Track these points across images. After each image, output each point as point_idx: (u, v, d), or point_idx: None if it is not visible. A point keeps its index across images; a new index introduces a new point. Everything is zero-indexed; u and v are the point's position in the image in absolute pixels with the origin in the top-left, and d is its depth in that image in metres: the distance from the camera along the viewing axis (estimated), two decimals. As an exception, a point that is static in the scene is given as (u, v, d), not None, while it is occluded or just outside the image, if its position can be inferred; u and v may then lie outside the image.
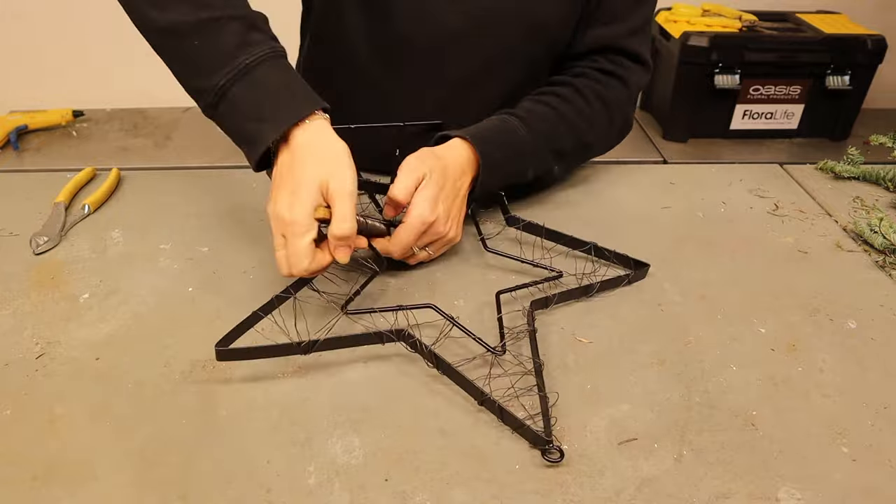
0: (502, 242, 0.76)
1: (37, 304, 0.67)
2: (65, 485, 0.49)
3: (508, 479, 0.50)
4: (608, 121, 0.85)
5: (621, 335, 0.64)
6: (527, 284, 0.68)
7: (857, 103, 1.82)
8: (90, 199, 0.82)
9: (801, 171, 0.95)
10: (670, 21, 1.84)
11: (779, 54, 1.73)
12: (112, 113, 1.89)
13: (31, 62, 1.88)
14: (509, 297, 0.68)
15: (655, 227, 0.81)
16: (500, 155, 0.75)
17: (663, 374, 0.60)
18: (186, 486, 0.49)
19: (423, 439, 0.53)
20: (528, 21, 0.81)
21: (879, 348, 0.64)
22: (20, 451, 0.52)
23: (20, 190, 0.86)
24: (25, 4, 1.80)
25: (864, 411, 0.57)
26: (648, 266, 0.72)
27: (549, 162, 0.81)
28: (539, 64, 0.86)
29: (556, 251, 0.74)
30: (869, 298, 0.70)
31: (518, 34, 0.81)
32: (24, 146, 1.72)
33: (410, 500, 0.49)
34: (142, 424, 0.54)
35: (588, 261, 0.74)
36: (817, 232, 0.81)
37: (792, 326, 0.66)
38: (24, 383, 0.58)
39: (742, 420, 0.56)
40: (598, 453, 0.53)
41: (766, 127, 1.84)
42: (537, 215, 0.82)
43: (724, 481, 0.51)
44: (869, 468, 0.52)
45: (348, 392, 0.57)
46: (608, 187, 0.89)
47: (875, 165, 0.93)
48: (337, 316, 0.64)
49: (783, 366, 0.61)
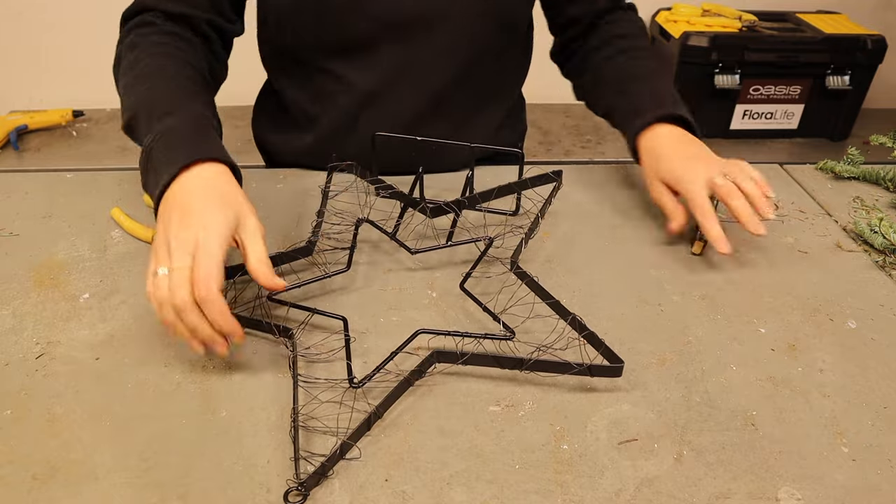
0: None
1: (37, 304, 0.67)
2: (65, 485, 0.49)
3: (508, 479, 0.50)
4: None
5: (621, 335, 0.64)
6: (458, 333, 0.61)
7: (857, 103, 1.82)
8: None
9: (801, 171, 0.95)
10: (670, 21, 1.84)
11: (779, 54, 1.73)
12: (112, 113, 1.89)
13: (31, 62, 1.88)
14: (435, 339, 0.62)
15: (655, 227, 0.81)
16: (684, 107, 0.81)
17: (663, 374, 0.60)
18: (186, 486, 0.49)
19: (423, 439, 0.53)
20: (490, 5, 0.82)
21: (879, 348, 0.64)
22: (20, 451, 0.52)
23: (20, 190, 0.86)
24: (25, 4, 1.80)
25: (864, 411, 0.57)
26: (621, 365, 0.58)
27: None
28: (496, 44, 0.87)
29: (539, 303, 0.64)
30: (869, 298, 0.70)
31: (475, 10, 0.83)
32: (24, 146, 1.72)
33: (410, 500, 0.49)
34: (142, 424, 0.54)
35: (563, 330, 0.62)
36: (817, 232, 0.81)
37: (792, 326, 0.66)
38: (24, 383, 0.58)
39: (742, 420, 0.56)
40: (598, 453, 0.53)
41: (766, 127, 1.85)
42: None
43: (724, 481, 0.51)
44: (869, 468, 0.52)
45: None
46: (608, 187, 0.89)
47: (875, 165, 0.93)
48: (259, 299, 0.64)
49: (783, 366, 0.61)
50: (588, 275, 0.72)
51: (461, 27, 0.83)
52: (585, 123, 1.94)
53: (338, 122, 0.88)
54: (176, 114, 0.66)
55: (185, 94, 0.70)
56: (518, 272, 0.66)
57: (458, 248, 0.75)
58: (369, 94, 0.86)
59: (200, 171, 0.60)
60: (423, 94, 0.86)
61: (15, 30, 1.82)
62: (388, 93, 0.86)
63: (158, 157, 0.62)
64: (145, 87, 0.70)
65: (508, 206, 0.81)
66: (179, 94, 0.70)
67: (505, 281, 0.69)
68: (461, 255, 0.74)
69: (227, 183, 0.61)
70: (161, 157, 0.62)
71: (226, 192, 0.60)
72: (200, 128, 0.66)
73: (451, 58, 0.85)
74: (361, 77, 0.85)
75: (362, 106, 0.86)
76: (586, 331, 0.60)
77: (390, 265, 0.73)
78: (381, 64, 0.84)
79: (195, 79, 0.74)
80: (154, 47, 0.75)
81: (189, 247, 0.54)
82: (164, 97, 0.69)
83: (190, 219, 0.56)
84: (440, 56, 0.84)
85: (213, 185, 0.60)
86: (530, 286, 0.64)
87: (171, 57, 0.74)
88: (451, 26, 0.82)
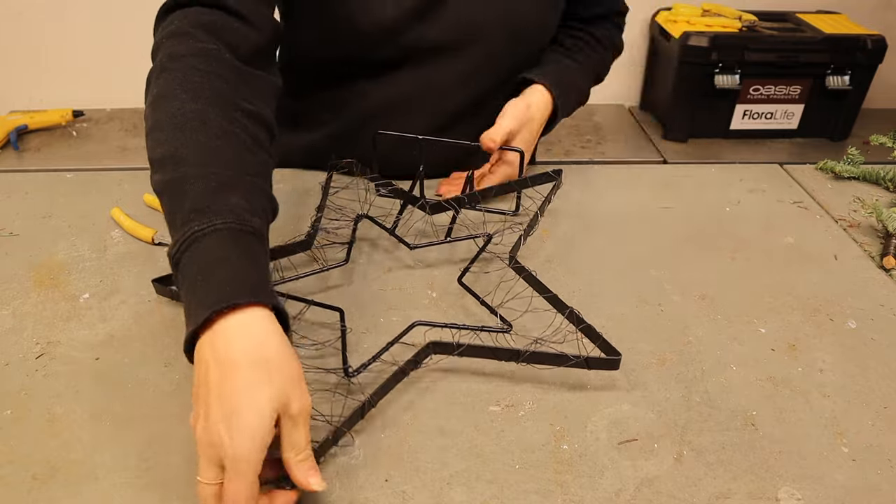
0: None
1: (37, 304, 0.67)
2: (65, 485, 0.49)
3: (508, 479, 0.50)
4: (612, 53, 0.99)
5: (621, 335, 0.64)
6: (455, 325, 0.61)
7: (857, 103, 1.82)
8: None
9: (801, 171, 0.95)
10: (670, 21, 1.84)
11: (779, 54, 1.73)
12: (112, 113, 1.89)
13: (31, 62, 1.88)
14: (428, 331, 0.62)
15: (655, 227, 0.81)
16: (571, 98, 0.87)
17: (663, 374, 0.60)
18: (186, 486, 0.49)
19: (423, 439, 0.53)
20: (510, 27, 0.83)
21: (879, 348, 0.64)
22: (20, 451, 0.52)
23: (20, 190, 0.86)
24: (25, 4, 1.80)
25: (864, 411, 0.57)
26: (619, 358, 0.58)
27: (588, 90, 0.94)
28: (519, 66, 0.87)
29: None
30: (869, 298, 0.70)
31: (500, 41, 0.83)
32: (24, 146, 1.72)
33: (410, 500, 0.49)
34: (142, 424, 0.54)
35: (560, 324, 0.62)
36: (817, 232, 0.81)
37: (792, 326, 0.66)
38: (24, 383, 0.58)
39: (742, 420, 0.56)
40: (598, 453, 0.53)
41: (766, 127, 1.85)
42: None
43: (724, 481, 0.51)
44: (869, 468, 0.52)
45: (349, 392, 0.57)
46: (608, 187, 0.89)
47: (875, 165, 0.93)
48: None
49: (783, 366, 0.61)
50: (588, 275, 0.72)
51: (486, 55, 0.84)
52: (585, 123, 1.94)
53: (349, 127, 0.88)
54: (210, 213, 0.50)
55: (225, 168, 0.53)
56: (516, 266, 0.66)
57: (458, 247, 0.75)
58: (385, 107, 0.86)
59: (242, 321, 0.46)
60: (439, 114, 0.87)
61: (15, 30, 1.82)
62: (405, 109, 0.86)
63: (188, 279, 0.49)
64: (174, 146, 0.54)
65: (508, 206, 0.81)
66: (219, 168, 0.53)
67: (503, 276, 0.69)
68: (461, 253, 0.74)
69: (277, 345, 0.46)
70: (190, 283, 0.48)
71: (273, 360, 0.46)
72: (241, 242, 0.50)
73: (472, 83, 0.86)
74: (379, 92, 0.85)
75: (375, 117, 0.86)
76: (583, 324, 0.60)
77: (390, 263, 0.73)
78: (402, 83, 0.84)
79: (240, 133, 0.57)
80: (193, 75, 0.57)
81: (217, 450, 0.43)
82: (197, 176, 0.52)
83: (228, 400, 0.44)
84: (461, 81, 0.85)
85: (260, 349, 0.46)
86: (528, 280, 0.64)
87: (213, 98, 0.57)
88: (476, 54, 0.83)
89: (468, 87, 0.86)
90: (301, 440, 0.46)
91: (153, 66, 0.60)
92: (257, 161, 0.57)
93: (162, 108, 0.56)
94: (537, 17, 0.85)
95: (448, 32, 0.81)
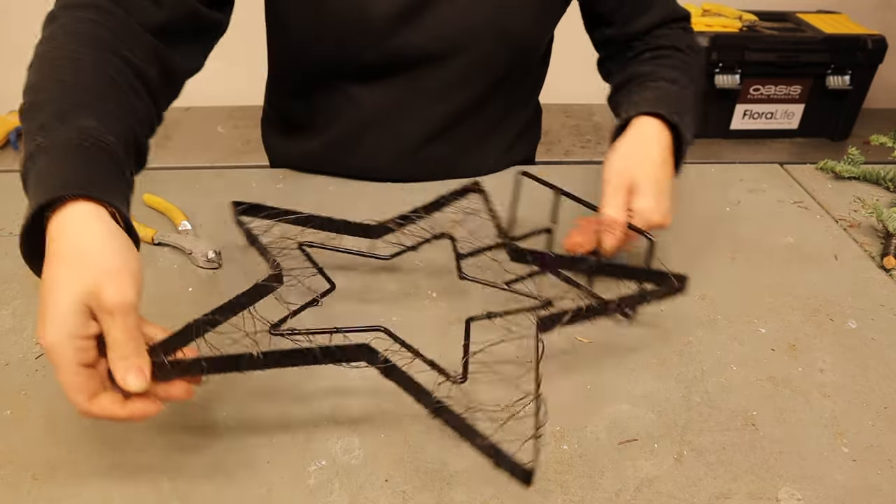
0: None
1: (37, 304, 0.66)
2: (65, 485, 0.49)
3: (508, 479, 0.50)
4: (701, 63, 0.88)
5: (621, 335, 0.64)
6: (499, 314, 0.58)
7: (857, 103, 1.82)
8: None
9: (801, 171, 0.95)
10: (670, 21, 1.84)
11: (779, 54, 1.73)
12: (112, 113, 1.89)
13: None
14: (488, 325, 0.59)
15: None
16: (688, 119, 0.72)
17: (663, 374, 0.60)
18: (187, 485, 0.49)
19: (423, 439, 0.53)
20: (500, 35, 0.82)
21: (879, 348, 0.64)
22: (20, 451, 0.52)
23: (20, 190, 0.85)
24: (25, 4, 1.80)
25: (864, 411, 0.57)
26: (686, 279, 0.58)
27: (689, 95, 0.79)
28: (511, 70, 0.86)
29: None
30: (869, 298, 0.70)
31: (490, 48, 0.82)
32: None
33: (410, 500, 0.49)
34: (142, 424, 0.54)
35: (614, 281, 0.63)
36: (818, 232, 0.81)
37: (792, 326, 0.66)
38: (24, 383, 0.58)
39: (742, 420, 0.56)
40: (598, 453, 0.53)
41: (766, 127, 1.85)
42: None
43: (724, 481, 0.51)
44: (869, 468, 0.52)
45: (349, 392, 0.57)
46: (608, 187, 0.89)
47: (875, 165, 0.93)
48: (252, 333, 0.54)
49: (783, 366, 0.61)
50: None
51: (478, 59, 0.83)
52: (585, 123, 1.94)
53: (343, 134, 0.88)
54: (54, 130, 0.52)
55: (84, 94, 0.55)
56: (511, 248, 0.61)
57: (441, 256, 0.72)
58: (378, 113, 0.86)
59: (65, 215, 0.48)
60: (432, 119, 0.86)
61: (15, 30, 1.82)
62: (397, 115, 0.86)
63: (30, 191, 0.52)
64: (40, 77, 0.58)
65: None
66: (77, 94, 0.55)
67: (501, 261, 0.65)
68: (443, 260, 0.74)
69: (95, 238, 0.47)
70: (32, 193, 0.52)
71: (88, 252, 0.46)
72: (83, 151, 0.51)
73: (465, 87, 0.85)
74: (372, 97, 0.85)
75: (369, 124, 0.86)
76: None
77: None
78: (394, 89, 0.84)
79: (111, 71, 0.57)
80: (80, 23, 0.59)
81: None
82: (52, 99, 0.54)
83: (41, 294, 0.46)
84: (454, 86, 0.84)
85: (76, 242, 0.46)
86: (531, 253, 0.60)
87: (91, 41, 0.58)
88: (468, 59, 0.82)
89: (463, 93, 0.85)
90: (119, 336, 0.45)
91: (46, 15, 0.61)
92: (122, 98, 0.57)
93: (41, 48, 0.59)
94: (529, 24, 0.83)
95: (434, 39, 0.80)
